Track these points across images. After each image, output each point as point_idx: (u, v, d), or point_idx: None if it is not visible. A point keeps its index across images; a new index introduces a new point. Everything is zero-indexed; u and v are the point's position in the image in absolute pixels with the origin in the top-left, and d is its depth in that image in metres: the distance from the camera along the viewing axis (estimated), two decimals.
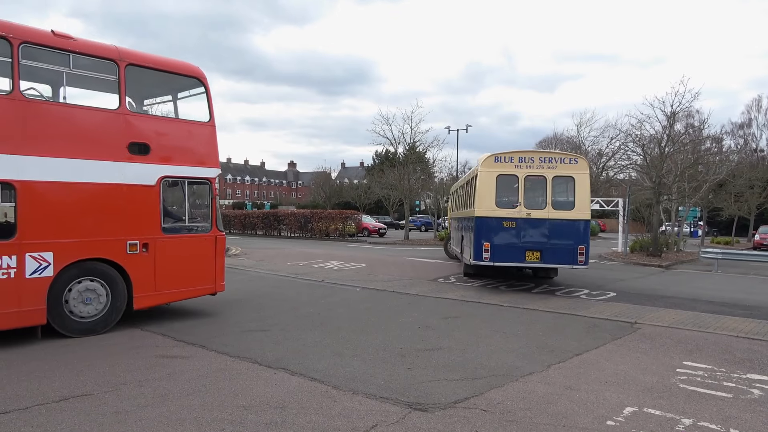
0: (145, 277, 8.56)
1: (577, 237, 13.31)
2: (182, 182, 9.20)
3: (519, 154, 13.75)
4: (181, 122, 9.56)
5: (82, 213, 7.93)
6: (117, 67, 8.27)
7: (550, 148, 62.50)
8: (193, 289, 9.39)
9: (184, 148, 9.22)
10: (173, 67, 9.22)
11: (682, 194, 30.07)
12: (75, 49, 7.89)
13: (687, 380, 6.37)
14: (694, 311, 11.13)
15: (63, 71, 7.95)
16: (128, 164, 8.36)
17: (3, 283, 7.11)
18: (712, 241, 39.53)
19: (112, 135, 8.25)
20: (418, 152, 47.81)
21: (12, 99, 7.30)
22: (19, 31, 7.35)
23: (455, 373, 6.41)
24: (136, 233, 8.45)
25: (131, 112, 8.70)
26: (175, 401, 5.31)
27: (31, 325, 7.55)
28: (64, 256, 7.68)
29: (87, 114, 8.21)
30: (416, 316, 9.89)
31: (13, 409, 5.03)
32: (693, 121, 31.31)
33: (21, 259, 7.27)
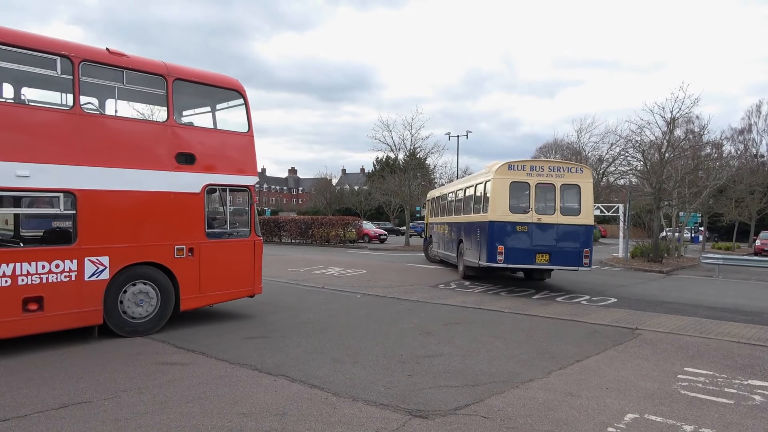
0: (190, 280, 9.03)
1: (583, 241, 14.24)
2: (224, 190, 9.71)
3: (530, 163, 14.80)
4: (222, 133, 9.91)
5: (134, 219, 8.43)
6: (165, 81, 8.75)
7: (551, 154, 62.47)
8: (234, 291, 9.83)
9: (226, 157, 9.69)
10: (215, 81, 9.68)
11: (682, 200, 30.06)
12: (128, 66, 8.38)
13: (688, 386, 6.35)
14: (696, 317, 11.10)
15: (116, 86, 8.44)
16: (176, 173, 8.84)
17: (65, 286, 7.61)
18: (713, 247, 39.47)
19: (161, 146, 8.74)
20: (418, 158, 47.85)
21: (73, 114, 7.83)
22: (79, 50, 7.87)
23: (456, 380, 6.39)
24: (182, 238, 8.93)
25: (178, 124, 9.17)
26: (174, 408, 5.29)
27: (89, 324, 8.01)
28: (118, 260, 8.18)
29: (139, 126, 8.91)
30: (417, 323, 9.87)
31: (12, 417, 5.01)
32: (693, 127, 31.34)
33: (81, 263, 7.79)
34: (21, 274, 7.24)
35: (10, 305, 7.13)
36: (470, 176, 20.73)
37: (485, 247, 14.27)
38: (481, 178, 15.89)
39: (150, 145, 8.66)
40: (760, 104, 50.92)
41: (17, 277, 7.21)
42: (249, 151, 10.01)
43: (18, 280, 7.21)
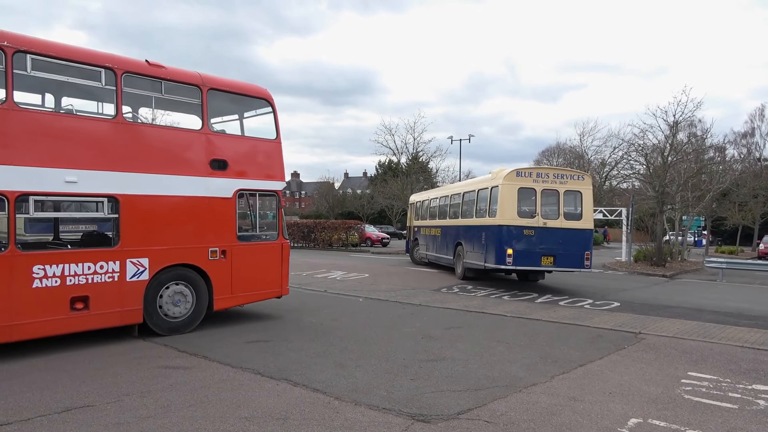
0: (223, 281, 9.41)
1: (584, 244, 15.13)
2: (253, 194, 10.10)
3: (536, 170, 15.67)
4: (252, 140, 10.22)
5: (171, 223, 8.84)
6: (200, 91, 9.16)
7: (553, 158, 62.51)
8: (263, 292, 10.23)
9: (255, 163, 10.07)
10: (246, 90, 10.09)
11: (685, 203, 30.00)
12: (165, 77, 8.79)
13: (692, 391, 6.33)
14: (699, 321, 11.07)
15: (153, 96, 8.89)
16: (210, 179, 9.23)
17: (108, 286, 8.02)
18: (716, 251, 39.33)
19: (196, 153, 9.15)
20: (420, 162, 47.89)
21: (116, 123, 8.23)
22: (121, 62, 8.29)
23: (458, 384, 6.38)
24: (216, 241, 9.34)
25: (212, 131, 9.50)
26: (177, 412, 5.29)
27: (130, 323, 8.39)
28: (157, 261, 8.56)
29: (175, 134, 9.28)
30: (419, 327, 9.86)
31: (15, 421, 5.02)
32: (696, 131, 31.29)
33: (123, 265, 8.18)
34: (69, 274, 7.62)
35: (59, 304, 7.53)
36: (468, 181, 21.39)
37: (494, 250, 14.85)
38: (486, 183, 16.40)
39: (186, 152, 9.06)
40: (763, 108, 50.73)
41: (66, 278, 7.58)
42: (277, 157, 10.39)
43: (66, 281, 7.59)
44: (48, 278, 7.43)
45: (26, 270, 7.27)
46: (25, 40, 7.43)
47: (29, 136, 7.38)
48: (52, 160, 7.52)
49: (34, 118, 7.66)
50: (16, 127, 7.28)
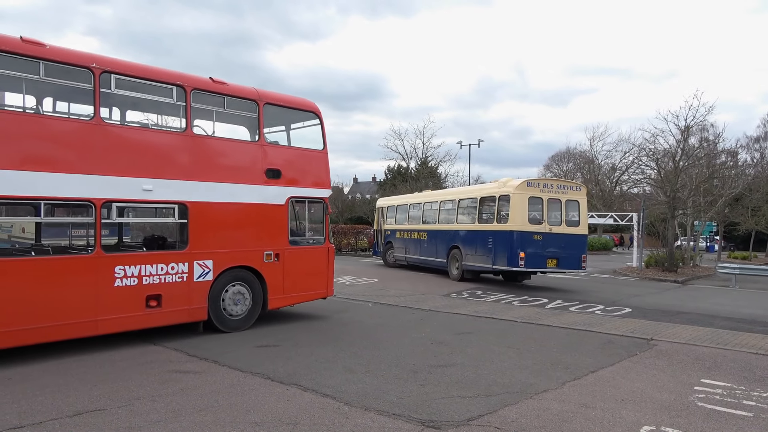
0: (276, 282, 10.06)
1: (582, 248, 17.24)
2: (303, 201, 10.76)
3: (543, 181, 17.69)
4: (302, 150, 10.84)
5: (232, 228, 9.52)
6: (257, 105, 9.85)
7: (563, 162, 62.25)
8: (311, 293, 10.85)
9: (305, 172, 10.72)
10: (297, 104, 10.79)
11: (697, 208, 29.77)
12: (227, 92, 9.50)
13: (705, 398, 6.25)
14: (712, 327, 10.94)
15: (214, 110, 9.51)
16: (266, 187, 9.91)
17: (178, 285, 8.71)
18: (729, 256, 38.93)
19: (254, 163, 9.82)
20: (430, 167, 47.88)
21: (186, 135, 8.95)
22: (190, 80, 9.02)
23: (468, 390, 6.35)
24: (270, 245, 9.98)
25: (267, 143, 10.20)
26: (187, 417, 5.31)
27: (196, 320, 9.07)
28: (220, 263, 9.25)
29: (236, 145, 9.95)
30: (429, 332, 9.83)
31: (27, 424, 5.05)
32: (707, 135, 31.10)
33: (191, 266, 8.87)
34: (145, 274, 8.31)
35: (136, 301, 8.22)
36: (463, 189, 23.17)
37: (506, 253, 16.30)
38: (491, 191, 17.79)
39: (245, 162, 9.74)
40: None
41: (142, 278, 8.28)
42: (324, 166, 11.05)
43: (143, 280, 8.29)
44: (127, 278, 8.13)
45: (109, 270, 7.95)
46: (110, 61, 8.19)
47: (112, 149, 8.08)
48: (131, 170, 8.23)
49: (116, 131, 8.54)
50: (102, 140, 7.99)
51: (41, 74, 7.52)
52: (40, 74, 7.51)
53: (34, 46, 7.44)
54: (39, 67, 7.45)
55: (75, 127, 8.06)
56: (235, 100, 9.65)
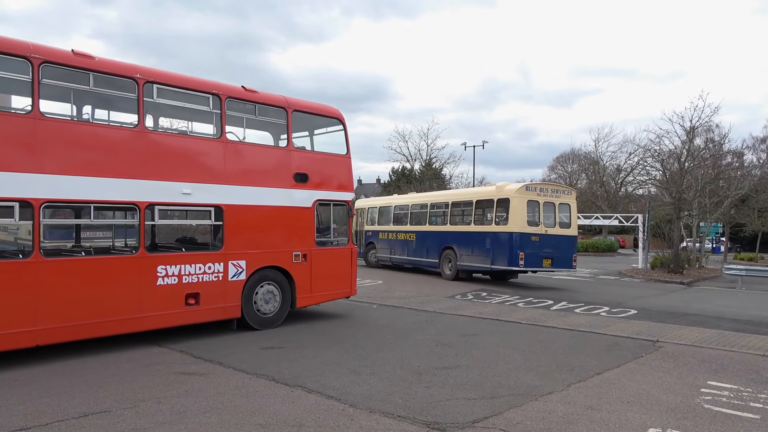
0: (304, 281, 10.55)
1: (573, 248, 18.55)
2: (328, 204, 11.15)
3: (540, 186, 18.35)
4: (327, 155, 11.31)
5: (263, 229, 9.99)
6: (286, 113, 10.31)
7: (568, 163, 62.22)
8: (336, 292, 11.31)
9: (330, 176, 11.18)
10: (322, 110, 11.23)
11: (703, 210, 29.62)
12: (259, 100, 9.99)
13: (712, 400, 6.22)
14: (718, 329, 10.89)
15: (245, 117, 9.90)
16: (294, 190, 10.39)
17: (215, 284, 9.18)
18: (735, 257, 38.73)
19: (283, 167, 10.30)
20: (434, 168, 47.90)
21: (221, 142, 9.41)
22: (225, 88, 9.53)
23: (473, 392, 6.34)
24: (298, 246, 10.47)
25: (295, 148, 10.63)
26: (192, 418, 5.31)
27: (230, 317, 9.53)
28: (252, 263, 9.71)
29: (267, 151, 10.58)
30: (433, 334, 9.81)
31: (33, 425, 5.07)
32: (713, 136, 30.94)
33: (226, 266, 9.35)
34: (185, 274, 8.79)
35: (176, 299, 8.69)
36: (455, 192, 24.00)
37: (507, 254, 17.18)
38: (489, 195, 18.76)
39: (275, 167, 10.21)
40: None
41: (182, 276, 8.76)
42: (347, 170, 11.57)
43: (182, 279, 8.77)
44: (169, 277, 8.61)
45: (152, 269, 8.42)
46: (152, 72, 8.70)
47: (154, 154, 8.54)
48: (171, 174, 8.68)
49: (158, 138, 8.98)
50: (145, 146, 8.47)
51: (90, 85, 8.00)
52: (89, 85, 8.00)
53: (84, 58, 7.90)
54: (89, 78, 7.93)
55: (121, 135, 8.55)
56: (265, 107, 10.12)
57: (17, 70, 7.34)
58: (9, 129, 7.24)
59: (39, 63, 7.39)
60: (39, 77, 7.40)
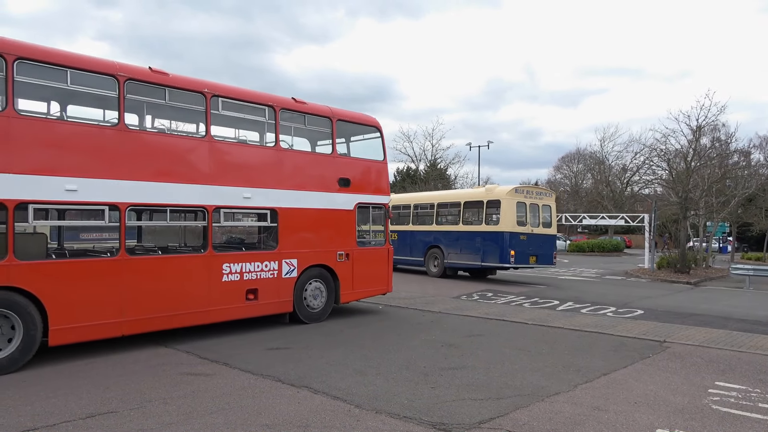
0: (347, 279, 11.36)
1: (554, 246, 20.28)
2: (367, 207, 11.91)
3: (526, 188, 20.28)
4: (367, 161, 12.13)
5: (311, 230, 10.75)
6: (331, 122, 11.13)
7: (573, 163, 62.10)
8: (374, 289, 12.15)
9: (369, 180, 12.00)
10: (361, 119, 12.10)
11: (709, 209, 29.46)
12: (307, 111, 10.77)
13: (720, 401, 6.18)
14: (726, 329, 10.82)
15: (293, 126, 10.65)
16: (338, 194, 11.19)
17: (270, 281, 9.98)
18: (742, 257, 38.50)
19: (328, 173, 11.09)
20: (439, 169, 47.90)
21: (275, 149, 10.24)
22: (278, 100, 10.28)
23: (479, 393, 6.32)
24: (342, 246, 11.27)
25: (339, 155, 11.49)
26: (199, 419, 5.32)
27: (284, 311, 10.31)
28: (302, 262, 10.52)
29: (315, 158, 11.36)
30: (439, 334, 9.80)
31: (41, 426, 5.10)
32: (719, 135, 30.76)
33: (280, 264, 10.14)
34: (246, 272, 9.57)
35: (238, 294, 9.49)
36: (440, 193, 24.99)
37: (498, 252, 18.62)
38: (478, 197, 20.16)
39: (321, 172, 10.99)
40: None
41: (243, 274, 9.55)
42: (384, 175, 12.42)
43: (244, 276, 9.55)
44: (232, 274, 9.38)
45: (218, 267, 9.22)
46: (218, 86, 9.47)
47: (220, 162, 9.35)
48: (234, 180, 9.46)
49: (223, 147, 9.65)
50: (211, 154, 9.24)
51: (166, 99, 8.81)
52: (165, 99, 8.79)
53: (160, 75, 8.67)
54: (165, 93, 8.72)
55: (191, 144, 9.38)
56: (312, 117, 10.90)
57: (106, 86, 8.07)
58: (98, 140, 8.02)
59: (124, 80, 8.12)
60: (124, 93, 8.12)
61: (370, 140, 12.44)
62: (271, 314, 10.15)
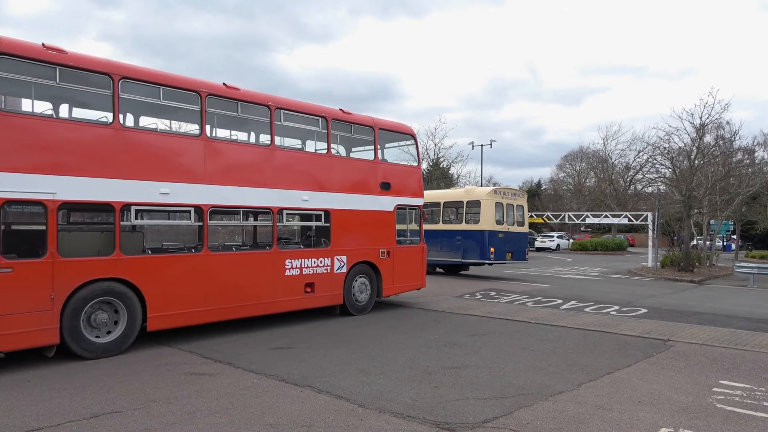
0: (388, 274, 12.39)
1: (526, 243, 22.12)
2: (404, 208, 12.95)
3: (503, 190, 22.12)
4: (404, 166, 13.54)
5: (358, 230, 11.77)
6: (373, 131, 12.18)
7: (576, 162, 61.96)
8: (410, 284, 13.13)
9: (406, 184, 13.05)
10: (399, 128, 13.23)
11: (713, 207, 29.37)
12: (354, 121, 11.86)
13: (724, 400, 6.16)
14: (730, 328, 10.79)
15: (339, 134, 11.59)
16: (380, 197, 12.23)
17: (325, 276, 11.01)
18: (746, 255, 38.40)
19: (372, 177, 12.16)
20: (442, 168, 47.81)
21: (328, 156, 11.31)
22: (329, 112, 11.35)
23: (483, 392, 6.31)
24: (383, 244, 12.32)
25: (380, 161, 12.46)
26: (203, 419, 5.33)
27: (335, 304, 11.33)
28: (351, 259, 11.56)
29: (360, 163, 12.42)
30: (442, 333, 9.80)
31: (45, 426, 5.11)
32: (723, 133, 30.66)
33: (332, 260, 11.17)
34: (304, 267, 10.63)
35: (298, 287, 10.54)
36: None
37: (479, 249, 19.97)
38: (458, 197, 21.60)
39: (366, 177, 12.07)
40: None
41: (302, 269, 10.59)
42: (418, 179, 13.59)
43: (303, 271, 10.60)
44: (294, 269, 10.42)
45: (282, 262, 10.26)
46: (281, 100, 10.51)
47: (282, 168, 10.39)
48: (294, 184, 10.50)
49: (284, 155, 10.74)
50: (275, 162, 10.29)
51: (239, 112, 9.85)
52: (238, 112, 9.83)
53: (233, 90, 9.69)
54: (237, 106, 9.76)
55: (259, 152, 10.40)
56: (359, 126, 11.97)
57: (191, 101, 9.13)
58: (185, 149, 9.11)
59: (206, 95, 9.17)
60: (206, 107, 9.16)
61: (405, 147, 13.90)
62: (324, 306, 11.16)
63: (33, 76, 7.55)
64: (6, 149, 7.04)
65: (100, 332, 7.83)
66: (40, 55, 7.43)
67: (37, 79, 7.63)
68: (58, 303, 7.36)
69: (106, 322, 7.88)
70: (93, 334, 7.75)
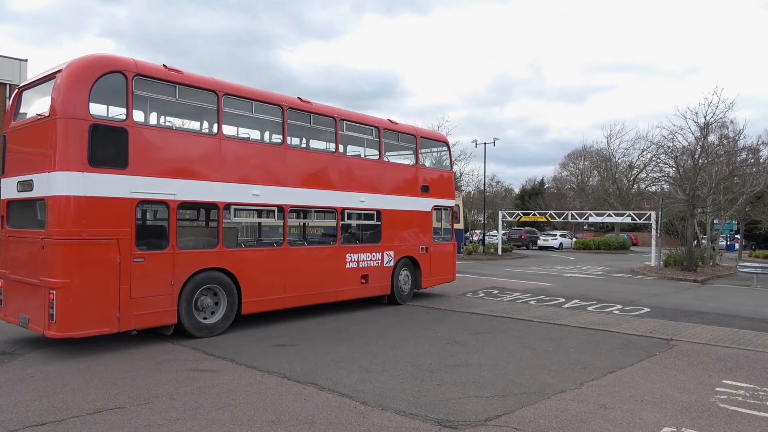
0: (426, 269, 13.76)
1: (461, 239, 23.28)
2: (439, 209, 14.39)
3: None
4: (439, 171, 14.77)
5: (402, 228, 13.14)
6: (415, 138, 13.72)
7: (579, 160, 61.74)
8: (444, 277, 14.58)
9: (441, 187, 14.43)
10: (435, 136, 15.38)
11: (717, 207, 29.27)
12: (400, 130, 13.31)
13: (727, 399, 6.15)
14: (733, 328, 10.76)
15: (385, 141, 12.75)
16: (420, 198, 13.64)
17: (376, 269, 12.39)
18: (750, 255, 38.25)
19: (414, 181, 13.56)
20: None
21: (379, 162, 12.70)
22: (380, 122, 12.81)
23: (485, 390, 6.31)
24: (423, 241, 13.72)
25: (421, 166, 13.96)
26: (205, 415, 5.34)
27: (384, 294, 12.65)
28: (397, 254, 12.94)
29: (404, 168, 13.80)
30: (445, 331, 9.79)
31: (48, 421, 5.13)
32: (727, 132, 30.53)
33: (382, 255, 12.56)
34: (360, 260, 11.99)
35: (356, 279, 11.93)
36: None
37: None
38: None
39: (409, 180, 13.44)
40: None
41: (359, 262, 11.96)
42: (451, 182, 15.05)
43: (359, 264, 11.96)
44: (352, 262, 11.78)
45: (343, 256, 11.63)
46: (343, 112, 11.93)
47: (346, 172, 11.79)
48: (353, 187, 11.86)
49: (347, 161, 12.20)
50: (339, 166, 11.66)
51: (311, 123, 11.16)
52: (310, 123, 11.14)
53: (306, 103, 10.91)
54: (310, 117, 11.06)
55: (327, 158, 11.68)
56: (403, 135, 13.41)
57: (275, 114, 10.39)
58: (270, 155, 10.40)
59: (287, 108, 10.40)
60: (287, 118, 10.42)
61: (439, 153, 15.31)
62: (375, 296, 12.47)
63: (158, 94, 8.72)
64: (139, 157, 8.15)
65: (206, 314, 9.02)
66: (165, 75, 8.64)
67: (162, 96, 8.82)
68: (176, 288, 8.53)
69: (209, 306, 9.07)
70: (201, 316, 8.94)
